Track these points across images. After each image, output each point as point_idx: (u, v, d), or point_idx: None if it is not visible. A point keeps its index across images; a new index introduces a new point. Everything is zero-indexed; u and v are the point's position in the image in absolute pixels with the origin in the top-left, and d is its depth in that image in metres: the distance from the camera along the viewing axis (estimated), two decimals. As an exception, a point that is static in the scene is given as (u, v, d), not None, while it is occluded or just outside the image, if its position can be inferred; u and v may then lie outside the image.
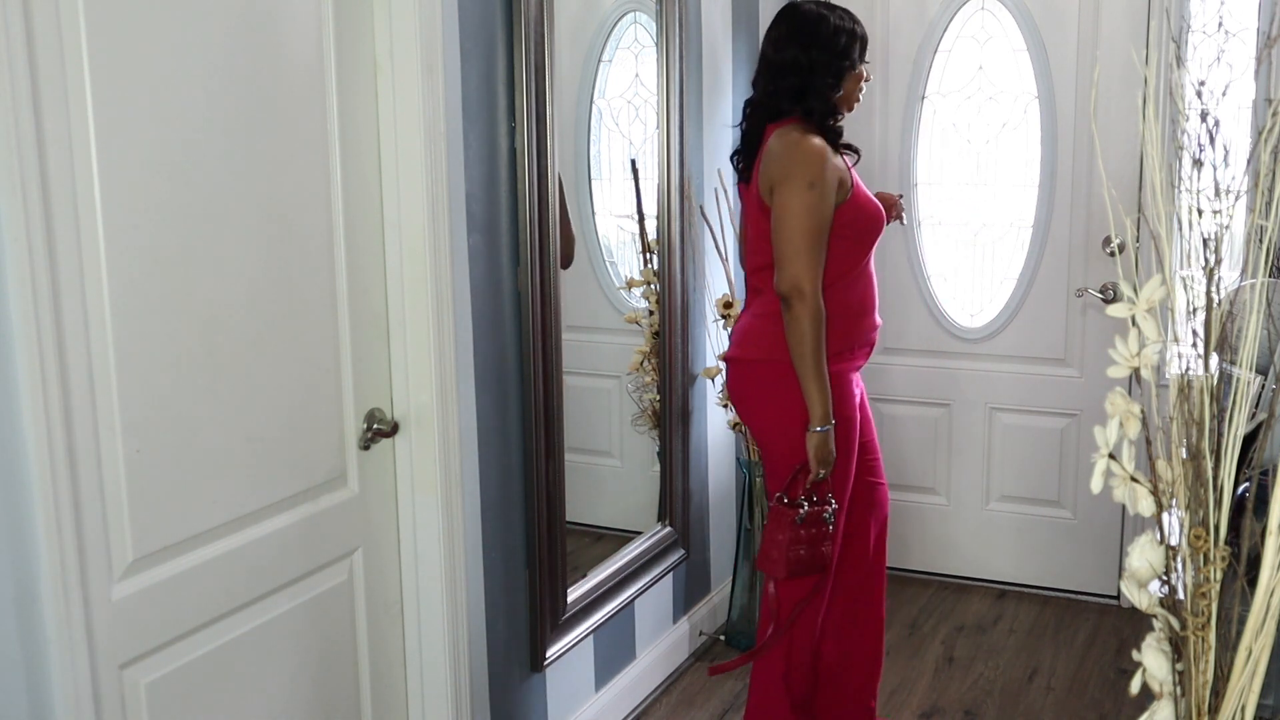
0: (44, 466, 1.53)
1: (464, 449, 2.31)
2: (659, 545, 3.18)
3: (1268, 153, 1.11)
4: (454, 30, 2.21)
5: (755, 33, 3.66)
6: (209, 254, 1.79)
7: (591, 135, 3.15)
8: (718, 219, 3.37)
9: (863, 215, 2.56)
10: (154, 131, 1.68)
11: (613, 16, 3.16)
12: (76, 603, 1.60)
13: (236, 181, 1.82)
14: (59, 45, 1.53)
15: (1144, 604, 1.18)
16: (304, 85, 1.96)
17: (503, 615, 2.51)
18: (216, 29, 1.77)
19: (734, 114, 3.54)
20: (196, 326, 1.77)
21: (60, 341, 1.55)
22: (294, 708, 2.05)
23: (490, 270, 2.38)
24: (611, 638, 3.01)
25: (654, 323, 3.17)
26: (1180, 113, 1.17)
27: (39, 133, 1.50)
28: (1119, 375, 1.15)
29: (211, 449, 1.82)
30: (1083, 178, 3.62)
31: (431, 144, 2.14)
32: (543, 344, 2.51)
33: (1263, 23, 3.20)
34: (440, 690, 2.31)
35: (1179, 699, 1.19)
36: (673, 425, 3.22)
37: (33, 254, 1.50)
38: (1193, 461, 1.15)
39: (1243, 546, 1.18)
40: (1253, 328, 1.13)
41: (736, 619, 3.49)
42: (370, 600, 2.22)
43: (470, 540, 2.37)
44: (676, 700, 3.20)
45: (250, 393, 1.88)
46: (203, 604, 1.83)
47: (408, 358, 2.20)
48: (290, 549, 2.00)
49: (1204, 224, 1.14)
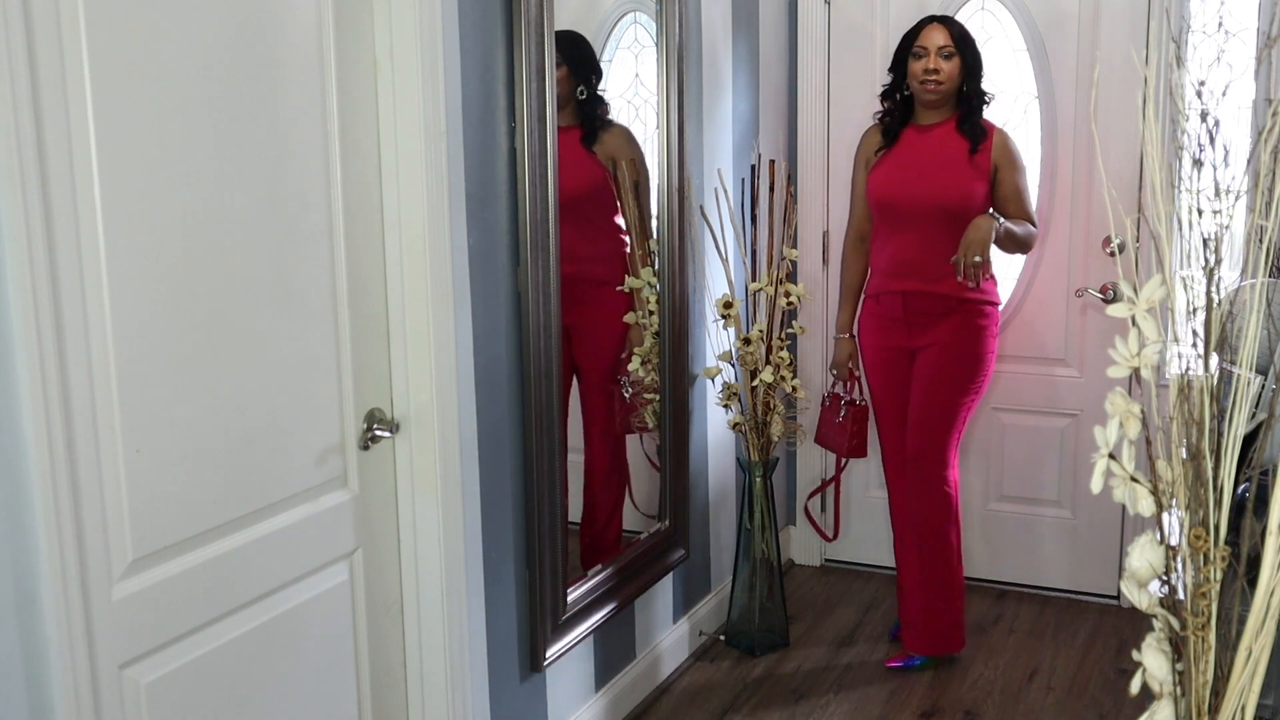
0: (44, 466, 1.53)
1: (464, 449, 2.31)
2: (659, 545, 3.18)
3: (1268, 153, 1.11)
4: (454, 30, 2.21)
5: (755, 33, 3.66)
6: (209, 254, 1.78)
7: (591, 135, 3.14)
8: (718, 219, 3.37)
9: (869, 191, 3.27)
10: (154, 131, 1.68)
11: (613, 16, 3.15)
12: (76, 603, 1.60)
13: (236, 181, 1.82)
14: (59, 45, 1.53)
15: (1144, 604, 1.18)
16: (304, 85, 1.95)
17: (503, 615, 2.51)
18: (216, 29, 1.77)
19: (734, 114, 3.54)
20: (196, 326, 1.77)
21: (60, 341, 1.55)
22: (294, 708, 2.05)
23: (490, 270, 2.38)
24: (611, 638, 3.01)
25: (654, 323, 3.17)
26: (1180, 113, 1.17)
27: (39, 133, 1.50)
28: (1119, 375, 1.15)
29: (211, 449, 1.82)
30: (1083, 178, 3.62)
31: (431, 144, 2.14)
32: (543, 344, 2.51)
33: (1263, 23, 3.20)
34: (440, 690, 2.31)
35: (1179, 699, 1.19)
36: (673, 425, 3.22)
37: (33, 254, 1.50)
38: (1193, 461, 1.15)
39: (1243, 546, 1.18)
40: (1253, 328, 1.13)
41: (736, 619, 3.49)
42: (370, 600, 2.21)
43: (470, 540, 2.36)
44: (676, 700, 3.20)
45: (250, 393, 1.88)
46: (203, 604, 1.83)
47: (408, 358, 2.20)
48: (290, 549, 2.00)
49: (1204, 224, 1.14)
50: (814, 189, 3.94)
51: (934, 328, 3.18)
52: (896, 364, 3.27)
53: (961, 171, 3.13)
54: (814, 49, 3.89)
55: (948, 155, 3.14)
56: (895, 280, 3.21)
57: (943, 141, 3.16)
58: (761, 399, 3.34)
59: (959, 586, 3.32)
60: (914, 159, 3.18)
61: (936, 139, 3.17)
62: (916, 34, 3.15)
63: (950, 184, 3.13)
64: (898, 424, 3.30)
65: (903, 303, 3.20)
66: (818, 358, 3.98)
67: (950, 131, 3.16)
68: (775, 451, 3.46)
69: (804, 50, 3.90)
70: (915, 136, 3.21)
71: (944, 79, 3.10)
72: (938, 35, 3.11)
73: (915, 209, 3.15)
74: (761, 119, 3.74)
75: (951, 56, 3.11)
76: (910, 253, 3.17)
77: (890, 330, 3.26)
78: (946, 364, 3.19)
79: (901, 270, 3.20)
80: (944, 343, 3.18)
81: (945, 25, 3.14)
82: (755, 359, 3.32)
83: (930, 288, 3.16)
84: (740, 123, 3.59)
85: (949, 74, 3.11)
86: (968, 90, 3.15)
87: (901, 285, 3.20)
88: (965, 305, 3.15)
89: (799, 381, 3.44)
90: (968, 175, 3.13)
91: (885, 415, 3.35)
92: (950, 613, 3.31)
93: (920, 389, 3.24)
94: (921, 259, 3.15)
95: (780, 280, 3.35)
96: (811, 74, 3.90)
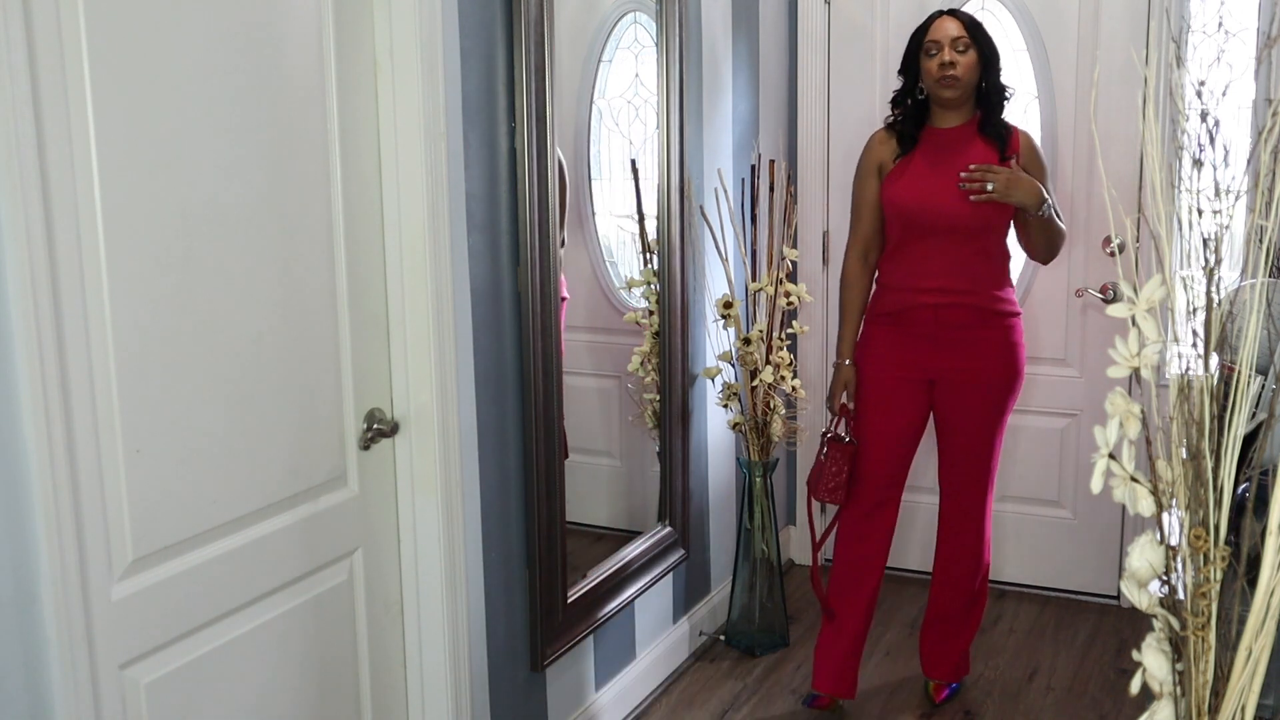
0: (44, 466, 1.53)
1: (464, 449, 2.31)
2: (659, 545, 3.18)
3: (1268, 153, 1.11)
4: (454, 30, 2.21)
5: (755, 33, 3.66)
6: (209, 254, 1.79)
7: (591, 135, 3.15)
8: (718, 219, 3.37)
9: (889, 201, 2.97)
10: (154, 131, 1.68)
11: (613, 16, 3.16)
12: (76, 603, 1.60)
13: (236, 181, 1.82)
14: (59, 45, 1.53)
15: (1144, 604, 1.18)
16: (304, 85, 1.96)
17: (503, 615, 2.51)
18: (216, 29, 1.77)
19: (734, 114, 3.54)
20: (196, 326, 1.77)
21: (60, 341, 1.55)
22: (294, 708, 2.05)
23: (490, 270, 2.38)
24: (611, 638, 3.01)
25: (654, 323, 3.17)
26: (1180, 113, 1.17)
27: (39, 133, 1.50)
28: (1119, 375, 1.15)
29: (211, 449, 1.82)
30: (1083, 178, 3.62)
31: (431, 144, 2.14)
32: (542, 344, 2.51)
33: (1263, 23, 3.20)
34: (440, 690, 2.31)
35: (1179, 699, 1.19)
36: (673, 425, 3.22)
37: (33, 254, 1.50)
38: (1193, 461, 1.15)
39: (1243, 546, 1.17)
40: (1253, 328, 1.13)
41: (737, 619, 3.49)
42: (370, 600, 2.22)
43: (470, 540, 2.37)
44: (676, 700, 3.20)
45: (250, 393, 1.88)
46: (203, 604, 1.83)
47: (408, 358, 2.20)
48: (290, 549, 2.00)
49: (1204, 224, 1.14)
50: (814, 189, 3.94)
51: (964, 346, 2.93)
52: (907, 394, 2.97)
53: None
54: (814, 49, 3.89)
55: (977, 159, 2.87)
56: (923, 294, 2.91)
57: (968, 145, 2.91)
58: (761, 399, 3.34)
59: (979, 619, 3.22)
60: (941, 165, 2.89)
61: (961, 143, 2.91)
62: (927, 29, 2.89)
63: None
64: (883, 464, 3.00)
65: (934, 316, 2.91)
66: (818, 358, 3.98)
67: (973, 134, 2.92)
68: (775, 451, 3.46)
69: (804, 50, 3.90)
70: (937, 141, 2.93)
71: (962, 73, 2.83)
72: (951, 27, 2.86)
73: (948, 219, 2.87)
74: (761, 119, 3.74)
75: (967, 49, 2.84)
76: (941, 264, 2.90)
77: (910, 350, 2.95)
78: (986, 390, 2.95)
79: (932, 283, 2.90)
80: (978, 368, 2.93)
81: (956, 17, 2.89)
82: (755, 359, 3.32)
83: (964, 300, 2.90)
84: (740, 123, 3.59)
85: (966, 68, 2.84)
86: (987, 86, 2.90)
87: (932, 299, 2.90)
88: (997, 318, 2.93)
89: (799, 381, 3.44)
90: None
91: (874, 452, 3.00)
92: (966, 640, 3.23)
93: (959, 422, 3.00)
94: (954, 271, 2.89)
95: (780, 280, 3.35)
96: (811, 74, 3.90)
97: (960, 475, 3.05)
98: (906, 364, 2.96)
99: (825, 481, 2.98)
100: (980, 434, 3.00)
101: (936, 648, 3.20)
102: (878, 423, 2.99)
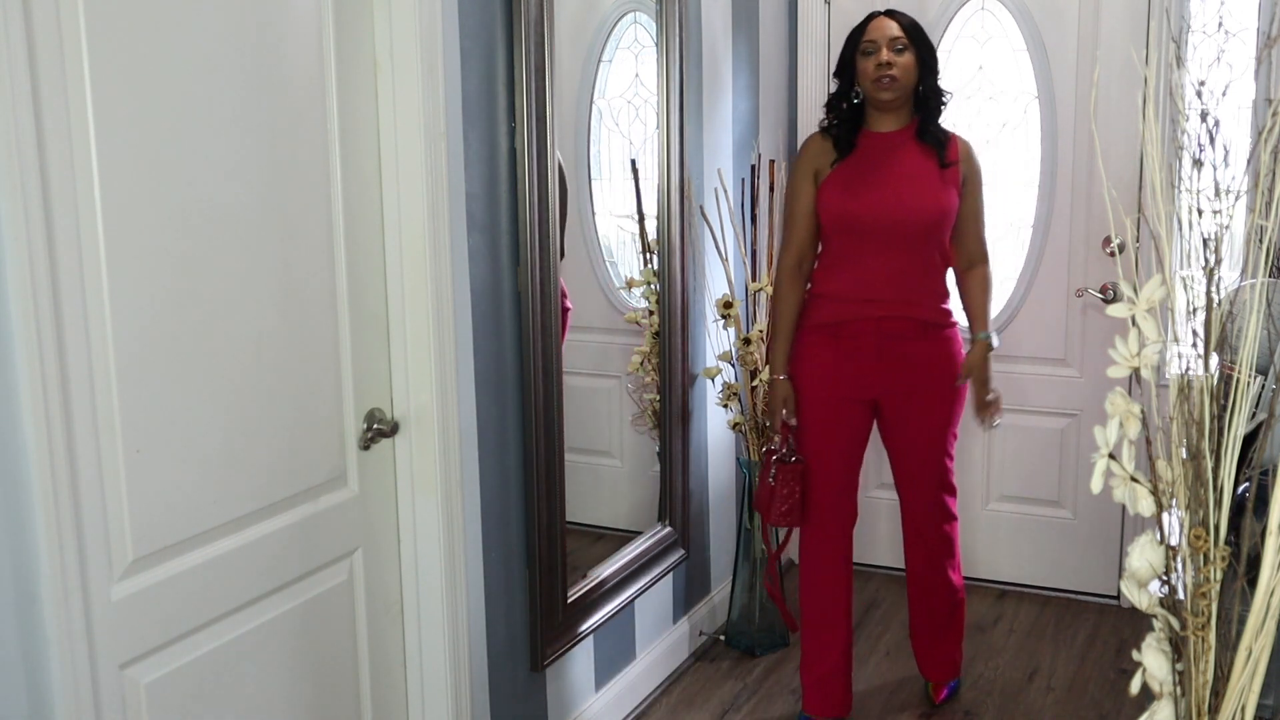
0: (44, 466, 1.53)
1: (464, 449, 2.31)
2: (659, 545, 3.18)
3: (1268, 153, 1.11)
4: (454, 30, 2.21)
5: (755, 33, 3.66)
6: (209, 253, 1.79)
7: (591, 135, 3.15)
8: (718, 219, 3.37)
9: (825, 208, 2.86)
10: (154, 131, 1.68)
11: (613, 16, 3.16)
12: (76, 603, 1.60)
13: (236, 181, 1.82)
14: (59, 45, 1.53)
15: (1144, 604, 1.18)
16: (304, 85, 1.96)
17: (503, 615, 2.51)
18: (216, 28, 1.77)
19: (734, 114, 3.54)
20: (197, 326, 1.77)
21: (60, 341, 1.55)
22: (294, 708, 2.05)
23: (490, 270, 2.38)
24: (611, 638, 3.01)
25: (654, 323, 3.17)
26: (1180, 113, 1.17)
27: (39, 133, 1.50)
28: (1119, 375, 1.15)
29: (211, 449, 1.82)
30: (1083, 178, 3.62)
31: (431, 144, 2.14)
32: (542, 344, 2.51)
33: (1263, 23, 3.20)
34: (440, 690, 2.32)
35: (1179, 699, 1.19)
36: (673, 425, 3.22)
37: (33, 254, 1.50)
38: (1193, 461, 1.15)
39: (1243, 546, 1.18)
40: (1253, 328, 1.13)
41: (736, 619, 3.49)
42: (370, 600, 2.22)
43: (470, 540, 2.37)
44: (676, 700, 3.20)
45: (250, 393, 1.88)
46: (203, 604, 1.83)
47: (408, 358, 2.20)
48: (290, 549, 2.00)
49: (1204, 224, 1.14)
50: (814, 189, 3.93)
51: (907, 360, 2.85)
52: (850, 413, 2.90)
53: (934, 183, 2.80)
54: (814, 49, 3.89)
55: (916, 166, 2.80)
56: (867, 305, 2.81)
57: (907, 150, 2.82)
58: (761, 399, 3.34)
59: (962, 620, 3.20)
60: (880, 171, 2.81)
61: (899, 148, 2.82)
62: (864, 28, 2.80)
63: (927, 198, 2.79)
64: (832, 483, 2.92)
65: (876, 328, 2.81)
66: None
67: (910, 139, 2.82)
68: (775, 451, 3.46)
69: (804, 50, 3.90)
70: (874, 146, 2.83)
71: (899, 74, 2.74)
72: (889, 26, 2.77)
73: (888, 226, 2.78)
74: (761, 119, 3.74)
75: (904, 50, 2.75)
76: (883, 274, 2.80)
77: (853, 366, 2.85)
78: (933, 403, 2.90)
79: (873, 294, 2.81)
80: (922, 385, 2.88)
81: (894, 17, 2.79)
82: (755, 359, 3.32)
83: (907, 311, 2.82)
84: (740, 123, 3.59)
85: (904, 69, 2.75)
86: (925, 89, 2.81)
87: (876, 310, 2.81)
88: (936, 330, 2.87)
89: (799, 381, 3.44)
90: (942, 187, 2.81)
91: (822, 474, 2.91)
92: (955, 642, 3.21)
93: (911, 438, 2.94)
94: (895, 280, 2.80)
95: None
96: (811, 74, 3.90)
97: (919, 488, 3.00)
98: (848, 382, 2.87)
99: (778, 505, 2.88)
100: (932, 447, 2.94)
101: (928, 652, 3.19)
102: (822, 445, 2.90)
